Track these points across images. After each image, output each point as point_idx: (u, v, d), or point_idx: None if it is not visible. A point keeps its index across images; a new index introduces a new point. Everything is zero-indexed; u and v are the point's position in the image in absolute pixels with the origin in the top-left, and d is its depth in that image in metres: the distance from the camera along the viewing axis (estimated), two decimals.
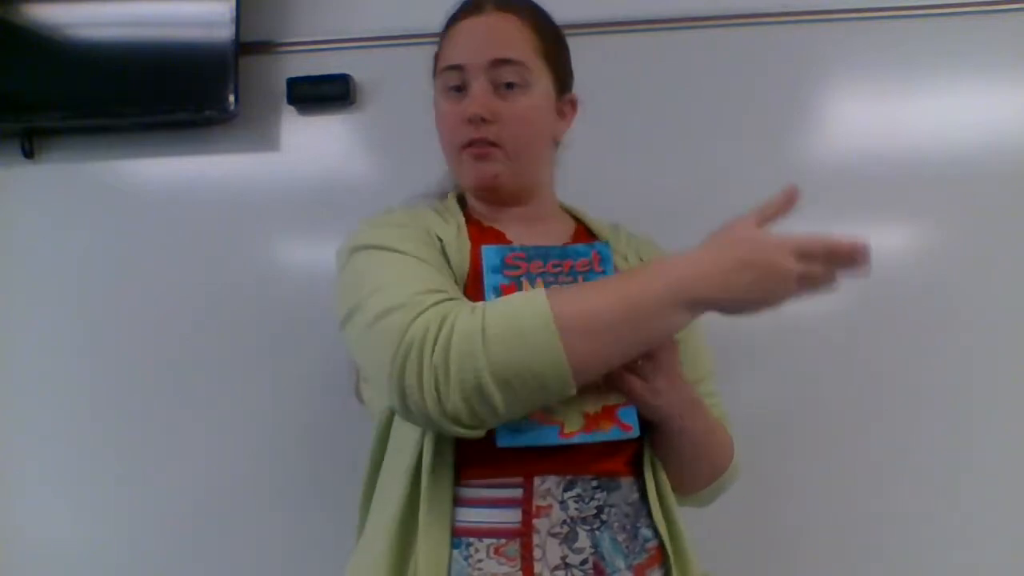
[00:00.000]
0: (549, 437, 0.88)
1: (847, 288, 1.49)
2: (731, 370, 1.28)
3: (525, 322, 0.80)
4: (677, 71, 1.55)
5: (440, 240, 0.98)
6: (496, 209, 1.07)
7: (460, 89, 1.01)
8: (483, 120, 0.98)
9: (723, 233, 0.87)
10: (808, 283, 0.86)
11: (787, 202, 0.88)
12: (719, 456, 1.06)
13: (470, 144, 1.00)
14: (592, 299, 0.83)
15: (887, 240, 1.50)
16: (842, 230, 1.49)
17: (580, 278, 0.92)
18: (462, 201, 1.10)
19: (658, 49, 1.55)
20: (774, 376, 1.48)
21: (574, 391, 0.82)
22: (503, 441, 0.88)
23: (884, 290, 1.49)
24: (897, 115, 1.51)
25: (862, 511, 1.47)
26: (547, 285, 0.90)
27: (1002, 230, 1.49)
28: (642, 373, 0.91)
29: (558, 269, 0.91)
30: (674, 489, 1.04)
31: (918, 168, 1.50)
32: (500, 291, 0.91)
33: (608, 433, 0.90)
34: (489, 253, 0.93)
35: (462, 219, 1.04)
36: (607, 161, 1.49)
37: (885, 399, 1.48)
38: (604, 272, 0.93)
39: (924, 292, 1.49)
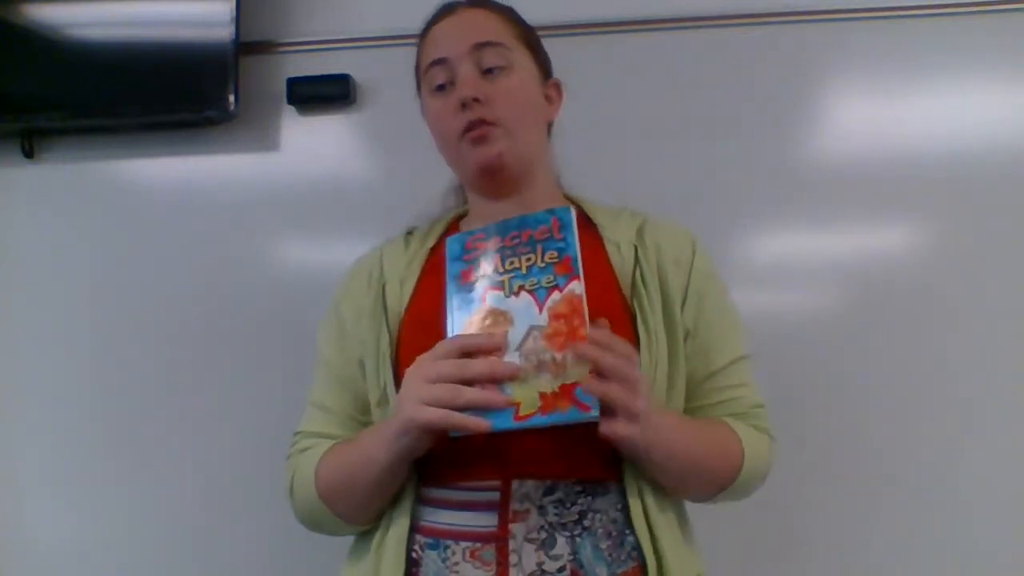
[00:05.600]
0: (505, 421, 0.81)
1: (847, 288, 1.53)
2: None
3: (306, 487, 0.98)
4: (677, 71, 1.55)
5: (385, 279, 1.03)
6: (495, 202, 1.05)
7: (445, 86, 1.01)
8: (476, 100, 0.97)
9: None
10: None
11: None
12: (719, 471, 0.97)
13: (467, 129, 0.98)
14: (338, 466, 0.96)
15: (887, 240, 1.51)
16: (841, 229, 1.52)
17: (539, 247, 0.87)
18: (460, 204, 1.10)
19: (658, 49, 1.54)
20: (772, 376, 1.48)
21: (363, 525, 0.97)
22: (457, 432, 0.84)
23: (884, 290, 1.49)
24: (897, 115, 1.51)
25: (861, 512, 1.47)
26: (505, 260, 0.87)
27: (1001, 230, 1.49)
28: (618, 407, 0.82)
29: (516, 241, 0.88)
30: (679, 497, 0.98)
31: (918, 168, 1.50)
32: (459, 277, 0.89)
33: (566, 414, 0.80)
34: (451, 243, 0.92)
35: (430, 245, 1.04)
36: (607, 161, 1.48)
37: (884, 398, 1.48)
38: (564, 239, 0.87)
39: (923, 292, 1.49)
